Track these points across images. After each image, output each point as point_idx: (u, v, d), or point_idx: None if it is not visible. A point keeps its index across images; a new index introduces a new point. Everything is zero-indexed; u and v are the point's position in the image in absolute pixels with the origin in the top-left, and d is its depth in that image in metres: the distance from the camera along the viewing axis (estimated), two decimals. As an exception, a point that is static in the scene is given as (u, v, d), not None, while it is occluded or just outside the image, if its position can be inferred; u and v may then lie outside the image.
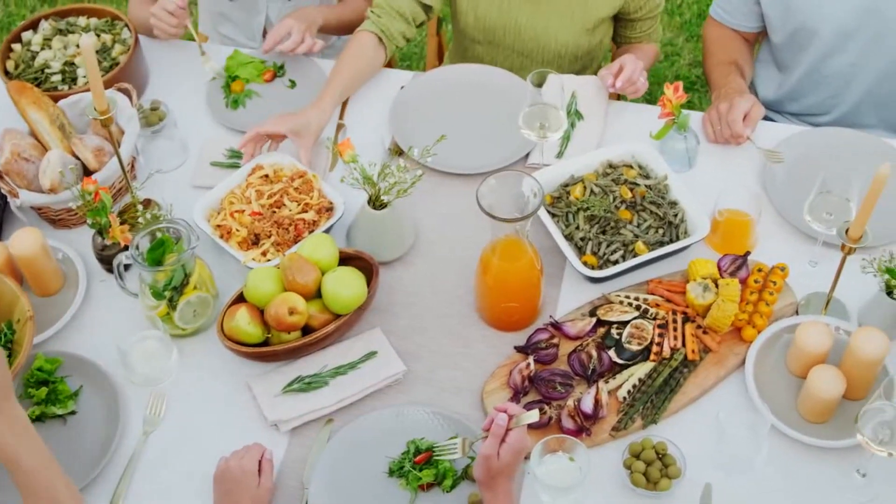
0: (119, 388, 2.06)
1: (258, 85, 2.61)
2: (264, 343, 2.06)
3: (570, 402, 1.95)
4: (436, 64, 3.09)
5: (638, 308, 2.10)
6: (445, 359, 2.10)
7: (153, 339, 2.07)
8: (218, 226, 2.23)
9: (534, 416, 1.72)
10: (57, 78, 2.52)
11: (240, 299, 2.09)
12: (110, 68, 2.53)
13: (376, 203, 2.15)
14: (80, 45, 2.01)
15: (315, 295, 2.08)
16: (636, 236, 2.17)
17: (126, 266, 2.17)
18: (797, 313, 2.12)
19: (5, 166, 2.25)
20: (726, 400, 2.01)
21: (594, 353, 2.03)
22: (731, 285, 2.05)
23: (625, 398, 1.99)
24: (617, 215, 2.19)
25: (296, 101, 2.53)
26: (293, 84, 2.62)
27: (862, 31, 2.47)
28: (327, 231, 2.22)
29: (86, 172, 2.30)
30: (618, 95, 2.65)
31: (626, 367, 2.03)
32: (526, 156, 2.41)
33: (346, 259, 2.15)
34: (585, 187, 2.24)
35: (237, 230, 2.22)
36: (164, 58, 2.69)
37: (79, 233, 2.33)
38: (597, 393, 1.94)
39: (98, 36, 2.59)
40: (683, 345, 2.05)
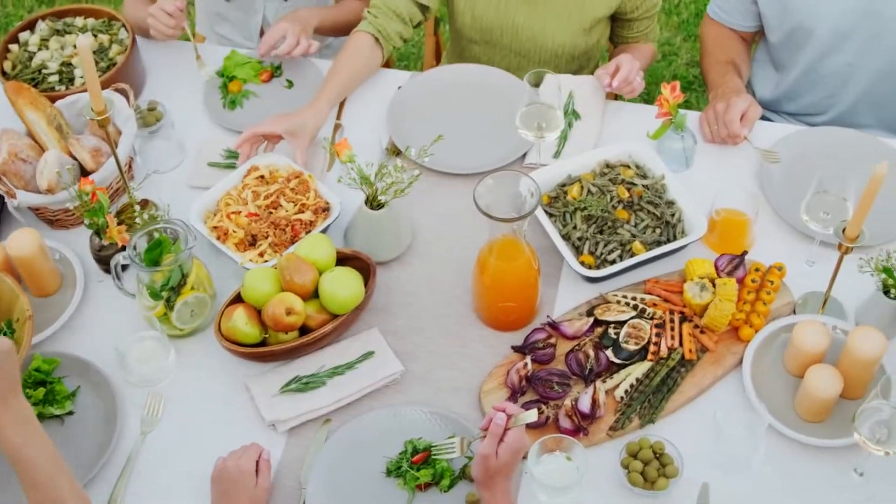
0: (117, 389, 2.05)
1: (255, 85, 2.61)
2: (262, 343, 2.06)
3: (568, 402, 1.95)
4: (433, 64, 3.09)
5: (635, 308, 2.10)
6: (443, 359, 2.10)
7: (151, 340, 2.07)
8: (215, 227, 2.23)
9: (532, 416, 1.72)
10: (54, 78, 2.52)
11: (237, 299, 2.09)
12: (107, 69, 2.53)
13: (374, 203, 2.15)
14: (77, 46, 2.01)
15: (312, 295, 2.08)
16: (633, 236, 2.17)
17: (123, 266, 2.16)
18: (794, 313, 2.12)
19: (2, 167, 2.25)
20: (724, 399, 2.01)
21: (591, 353, 2.03)
22: (729, 285, 2.05)
23: (622, 398, 2.00)
24: (614, 215, 2.19)
25: (293, 102, 2.53)
26: (290, 84, 2.62)
27: (859, 31, 2.47)
28: (324, 231, 2.22)
29: (83, 173, 2.30)
30: (615, 95, 2.65)
31: (624, 367, 2.04)
32: (523, 156, 2.42)
33: (344, 259, 2.15)
34: (583, 187, 2.24)
35: (234, 231, 2.21)
36: (162, 58, 2.68)
37: (76, 233, 2.33)
38: (594, 392, 1.94)
39: (95, 36, 2.58)
40: (681, 344, 2.05)
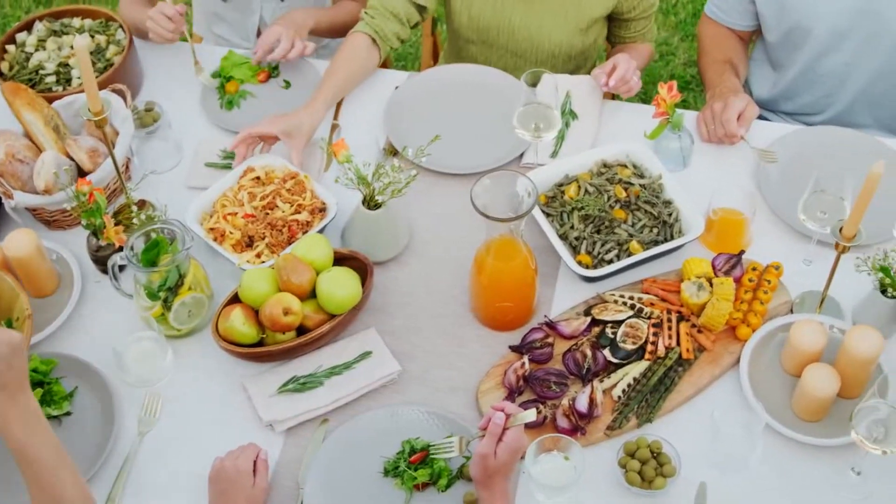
0: (114, 389, 2.05)
1: (252, 85, 2.61)
2: (259, 343, 2.06)
3: (565, 402, 1.95)
4: (431, 64, 3.09)
5: (632, 307, 2.10)
6: (440, 359, 2.10)
7: (148, 340, 2.07)
8: (211, 229, 2.23)
9: (531, 416, 1.72)
10: (51, 79, 2.52)
11: (234, 300, 2.09)
12: (105, 69, 2.52)
13: (371, 203, 2.15)
14: (74, 47, 2.00)
15: (310, 295, 2.08)
16: (630, 235, 2.17)
17: (121, 267, 2.16)
18: (792, 312, 2.12)
19: (0, 167, 2.25)
20: (721, 399, 2.01)
21: (589, 353, 2.03)
22: (726, 284, 2.05)
23: (619, 397, 2.00)
24: (611, 215, 2.19)
25: (290, 102, 2.53)
26: (288, 84, 2.61)
27: (856, 31, 2.47)
28: (321, 232, 2.22)
29: (80, 173, 2.30)
30: (612, 95, 2.65)
31: (621, 367, 2.04)
32: (520, 155, 2.42)
33: (341, 259, 2.15)
34: (580, 187, 2.24)
35: (231, 233, 2.21)
36: (159, 59, 2.68)
37: (73, 234, 2.33)
38: (591, 392, 1.94)
39: (92, 37, 2.58)
40: (678, 344, 2.05)
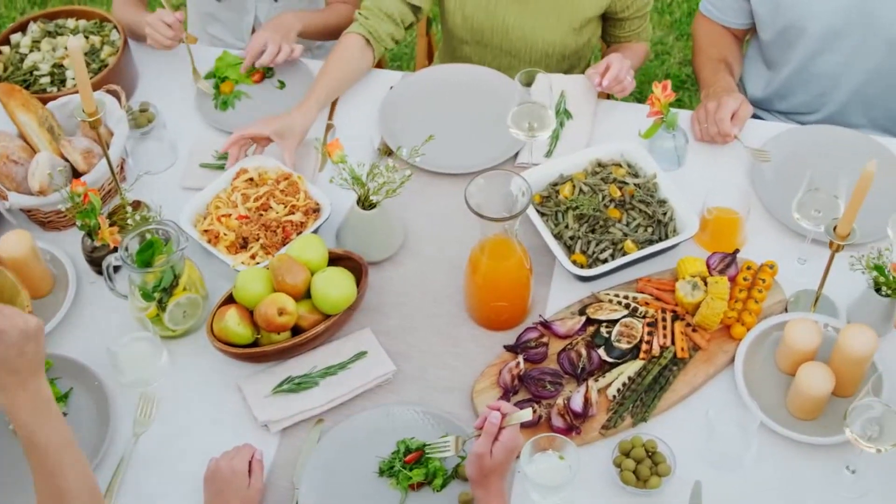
0: (109, 390, 2.05)
1: (247, 86, 2.61)
2: (254, 344, 2.06)
3: (560, 401, 1.95)
4: (425, 64, 3.09)
5: (627, 306, 2.10)
6: (435, 358, 2.10)
7: (143, 341, 2.07)
8: (206, 231, 2.23)
9: (527, 415, 1.72)
10: (46, 80, 2.52)
11: (229, 300, 2.09)
12: (99, 70, 2.52)
13: (365, 203, 2.15)
14: (68, 48, 2.00)
15: (304, 295, 2.08)
16: (625, 235, 2.18)
17: (115, 268, 2.16)
18: (786, 311, 2.12)
19: (-6, 169, 2.25)
20: (716, 397, 2.02)
21: (584, 352, 2.03)
22: (720, 283, 2.05)
23: (614, 396, 2.00)
24: (606, 214, 2.19)
25: (285, 102, 2.53)
26: (282, 85, 2.61)
27: (851, 31, 2.47)
28: (315, 232, 2.22)
29: (75, 174, 2.30)
30: (607, 94, 2.65)
31: (616, 366, 2.04)
32: (515, 155, 2.42)
33: (336, 259, 2.15)
34: (574, 186, 2.25)
35: (225, 234, 2.21)
36: (154, 59, 2.68)
37: (68, 235, 2.33)
38: (586, 391, 1.95)
39: (87, 38, 2.58)
40: (673, 343, 2.05)
